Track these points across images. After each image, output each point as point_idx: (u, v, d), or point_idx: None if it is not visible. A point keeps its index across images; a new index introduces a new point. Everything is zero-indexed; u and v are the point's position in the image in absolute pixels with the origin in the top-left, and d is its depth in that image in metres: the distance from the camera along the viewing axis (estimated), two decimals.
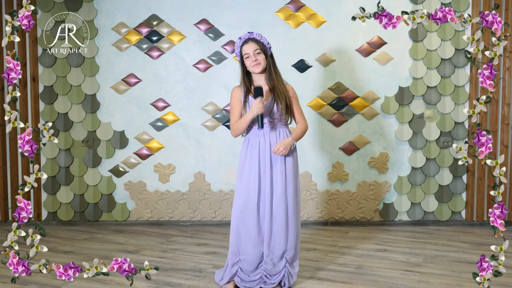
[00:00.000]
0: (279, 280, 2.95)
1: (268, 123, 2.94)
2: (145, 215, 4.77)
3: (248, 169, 2.93)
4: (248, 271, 2.96)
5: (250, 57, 2.91)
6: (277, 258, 2.95)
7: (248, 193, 2.92)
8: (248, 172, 2.93)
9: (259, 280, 2.95)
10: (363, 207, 4.71)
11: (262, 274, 2.95)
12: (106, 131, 4.73)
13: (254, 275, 2.96)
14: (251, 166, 2.93)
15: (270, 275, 2.95)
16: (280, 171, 2.91)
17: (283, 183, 2.91)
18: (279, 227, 2.91)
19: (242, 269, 2.97)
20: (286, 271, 2.96)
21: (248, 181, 2.92)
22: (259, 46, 2.92)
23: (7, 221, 4.78)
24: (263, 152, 2.92)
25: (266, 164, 2.91)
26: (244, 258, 2.95)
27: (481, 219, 4.66)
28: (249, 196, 2.91)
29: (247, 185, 2.92)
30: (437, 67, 4.59)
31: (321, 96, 4.65)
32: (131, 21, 4.67)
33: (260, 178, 2.92)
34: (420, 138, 4.64)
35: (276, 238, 2.92)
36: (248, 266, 2.95)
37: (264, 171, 2.91)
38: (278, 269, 2.95)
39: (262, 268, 2.95)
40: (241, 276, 2.96)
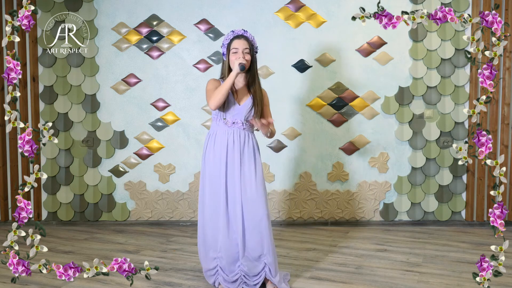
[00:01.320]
0: (260, 282, 2.93)
1: (240, 123, 2.92)
2: (145, 215, 4.77)
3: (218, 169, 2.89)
4: (227, 270, 2.93)
5: (237, 53, 2.87)
6: (254, 258, 2.91)
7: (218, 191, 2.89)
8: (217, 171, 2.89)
9: (239, 280, 2.94)
10: (363, 207, 4.71)
11: (241, 275, 2.93)
12: (106, 131, 4.73)
13: (233, 275, 2.94)
14: (221, 164, 2.89)
15: (248, 275, 2.93)
16: (249, 172, 2.89)
17: (253, 184, 2.88)
18: (253, 228, 2.88)
19: (222, 268, 2.95)
20: (267, 273, 2.92)
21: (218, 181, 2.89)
22: (249, 47, 2.91)
23: (7, 221, 4.78)
24: (231, 150, 2.89)
25: (235, 164, 2.88)
26: (220, 256, 2.93)
27: (481, 219, 4.66)
28: (220, 194, 2.89)
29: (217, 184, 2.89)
30: (437, 67, 4.59)
31: (321, 96, 4.65)
32: (131, 21, 4.67)
33: (228, 178, 2.88)
34: (420, 138, 4.64)
35: (252, 238, 2.88)
36: (225, 264, 2.91)
37: (233, 171, 2.88)
38: (256, 270, 2.92)
39: (240, 269, 2.93)
40: (223, 276, 2.95)
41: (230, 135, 2.91)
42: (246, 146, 2.92)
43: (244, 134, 2.93)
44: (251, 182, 2.89)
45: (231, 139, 2.91)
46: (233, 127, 2.92)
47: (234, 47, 2.88)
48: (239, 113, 2.91)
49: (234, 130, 2.92)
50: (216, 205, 2.91)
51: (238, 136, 2.91)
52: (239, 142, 2.91)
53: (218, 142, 2.91)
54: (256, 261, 2.92)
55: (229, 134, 2.91)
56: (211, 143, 2.94)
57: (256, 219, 2.88)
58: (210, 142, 2.95)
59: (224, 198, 2.89)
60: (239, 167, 2.88)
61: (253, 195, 2.87)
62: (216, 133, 2.94)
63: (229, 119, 2.92)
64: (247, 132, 2.95)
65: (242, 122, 2.92)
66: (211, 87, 2.91)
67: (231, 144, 2.90)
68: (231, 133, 2.91)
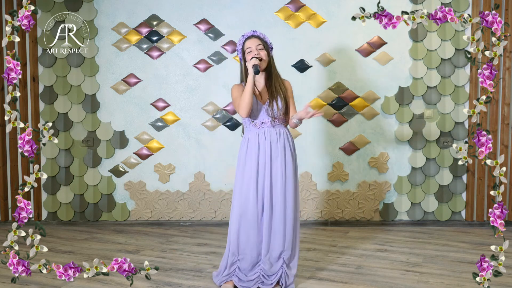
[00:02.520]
0: (276, 281, 2.95)
1: (269, 122, 2.94)
2: (145, 215, 4.77)
3: (249, 169, 2.93)
4: (246, 271, 2.95)
5: (252, 51, 2.90)
6: (274, 258, 2.94)
7: (248, 194, 2.91)
8: (249, 172, 2.93)
9: (256, 279, 2.94)
10: (363, 207, 4.71)
11: (260, 274, 2.94)
12: (106, 131, 4.73)
13: (251, 275, 2.95)
14: (251, 166, 2.92)
15: (267, 275, 2.94)
16: (280, 170, 2.92)
17: (283, 182, 2.91)
18: (277, 228, 2.91)
19: (240, 269, 2.96)
20: (283, 272, 2.95)
21: (248, 182, 2.92)
22: (262, 43, 2.92)
23: (7, 221, 4.78)
24: (263, 151, 2.92)
25: (266, 164, 2.91)
26: (242, 258, 2.95)
27: (481, 219, 4.66)
28: (249, 196, 2.91)
29: (247, 186, 2.92)
30: (437, 67, 4.59)
31: (321, 96, 4.65)
32: (131, 21, 4.67)
33: (258, 178, 2.91)
34: (420, 138, 4.64)
35: (275, 238, 2.92)
36: (246, 265, 2.94)
37: (264, 171, 2.91)
38: (275, 269, 2.94)
39: (260, 268, 2.95)
40: (239, 276, 2.96)
41: (261, 136, 2.93)
42: (278, 144, 2.93)
43: (275, 132, 2.94)
44: (282, 182, 2.91)
45: (262, 140, 2.93)
46: (263, 127, 2.94)
47: (247, 47, 2.92)
48: (263, 113, 2.93)
49: (265, 130, 2.94)
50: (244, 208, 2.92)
51: (268, 135, 2.93)
52: (270, 142, 2.93)
53: (251, 146, 2.94)
54: (276, 260, 2.95)
55: (260, 136, 2.94)
56: (244, 148, 2.97)
57: (281, 218, 2.91)
58: (243, 147, 2.98)
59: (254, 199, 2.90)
60: (269, 168, 2.91)
61: (281, 196, 2.90)
62: (249, 138, 2.97)
63: (257, 120, 2.94)
64: (278, 129, 2.96)
65: (270, 121, 2.94)
66: (237, 94, 2.95)
67: (263, 145, 2.92)
68: (262, 134, 2.94)
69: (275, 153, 2.92)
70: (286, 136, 2.98)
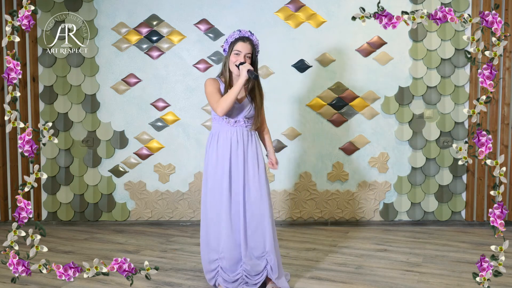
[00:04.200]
0: (261, 281, 2.93)
1: (243, 122, 2.92)
2: (145, 215, 4.77)
3: (222, 167, 2.89)
4: (228, 270, 2.91)
5: (239, 56, 2.86)
6: (256, 258, 2.91)
7: (221, 192, 2.88)
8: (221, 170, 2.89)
9: (240, 280, 2.92)
10: (363, 207, 4.71)
11: (242, 274, 2.92)
12: (106, 131, 4.73)
13: (234, 275, 2.92)
14: (224, 164, 2.89)
15: (250, 275, 2.92)
16: (255, 170, 2.90)
17: (257, 182, 2.89)
18: (255, 227, 2.88)
19: (223, 268, 2.93)
20: (268, 271, 2.92)
21: (221, 179, 2.88)
22: (252, 52, 2.90)
23: (7, 221, 4.78)
24: (235, 150, 2.90)
25: (239, 163, 2.89)
26: (223, 256, 2.90)
27: (481, 219, 4.66)
28: (222, 196, 2.88)
29: (220, 184, 2.89)
30: (437, 67, 4.59)
31: (321, 96, 4.65)
32: (131, 21, 4.67)
33: (232, 177, 2.88)
34: (420, 138, 4.64)
35: (254, 237, 2.89)
36: (227, 264, 2.90)
37: (237, 170, 2.88)
38: (258, 269, 2.92)
39: (242, 268, 2.92)
40: (223, 276, 2.93)
41: (234, 134, 2.91)
42: (249, 145, 2.93)
43: (247, 133, 2.94)
44: (255, 180, 2.89)
45: (234, 138, 2.90)
46: (236, 125, 2.92)
47: (237, 49, 2.86)
48: (240, 112, 2.92)
49: (237, 129, 2.92)
50: (218, 206, 2.90)
51: (241, 134, 2.91)
52: (243, 140, 2.91)
53: (222, 142, 2.91)
54: (258, 259, 2.92)
55: (232, 133, 2.91)
56: (214, 143, 2.93)
57: (258, 217, 2.89)
58: (213, 142, 2.94)
59: (227, 197, 2.88)
60: (242, 166, 2.88)
61: (256, 194, 2.88)
62: (219, 133, 2.93)
63: (232, 119, 2.92)
64: (249, 131, 2.95)
65: (244, 121, 2.93)
66: (212, 89, 2.90)
67: (235, 143, 2.90)
68: (234, 132, 2.91)
69: (249, 153, 2.90)
70: (256, 138, 2.99)
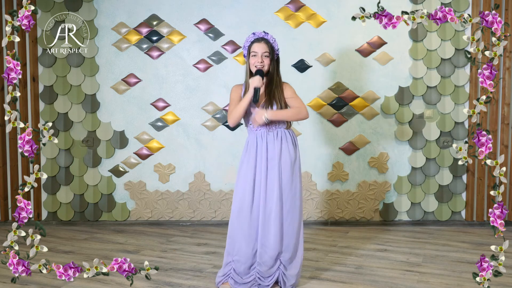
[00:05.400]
0: (273, 282, 2.94)
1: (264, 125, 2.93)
2: (145, 215, 4.77)
3: (245, 170, 2.93)
4: (241, 273, 2.93)
5: (257, 56, 2.90)
6: (271, 259, 2.90)
7: (243, 193, 2.91)
8: (244, 173, 2.93)
9: (252, 282, 2.93)
10: (363, 207, 4.71)
11: (256, 276, 2.92)
12: (106, 131, 4.73)
13: (247, 277, 2.93)
14: (248, 167, 2.93)
15: (263, 277, 2.93)
16: (277, 171, 2.90)
17: (279, 184, 2.90)
18: (273, 228, 2.89)
19: (235, 270, 2.94)
20: (280, 273, 2.94)
21: (244, 182, 2.92)
22: (269, 50, 2.92)
23: (7, 221, 4.78)
24: (260, 153, 2.92)
25: (262, 165, 2.91)
26: (237, 259, 2.93)
27: (481, 219, 4.66)
28: (244, 196, 2.91)
29: (243, 186, 2.92)
30: (437, 67, 4.59)
31: (321, 96, 4.65)
32: (131, 21, 4.67)
33: (255, 179, 2.91)
34: (420, 138, 4.65)
35: (271, 238, 2.89)
36: (240, 267, 2.92)
37: (260, 172, 2.91)
38: (271, 271, 2.92)
39: (255, 270, 2.93)
40: (234, 278, 2.94)
41: (259, 138, 2.94)
42: (274, 145, 2.92)
43: (273, 135, 2.94)
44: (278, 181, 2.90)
45: (259, 142, 2.93)
46: (259, 129, 2.94)
47: (253, 51, 2.90)
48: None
49: (262, 132, 2.94)
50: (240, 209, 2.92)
51: (265, 137, 2.93)
52: (266, 142, 2.92)
53: (250, 148, 2.95)
54: (273, 262, 2.92)
55: (257, 138, 2.94)
56: (244, 151, 2.98)
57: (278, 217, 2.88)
58: (244, 149, 3.00)
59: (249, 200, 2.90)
60: (265, 169, 2.90)
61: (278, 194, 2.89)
62: (249, 141, 2.98)
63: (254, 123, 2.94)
64: (275, 131, 2.95)
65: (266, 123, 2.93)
66: (232, 97, 2.97)
67: (260, 146, 2.93)
68: (260, 136, 2.94)
69: (271, 154, 2.91)
70: (285, 137, 2.96)
